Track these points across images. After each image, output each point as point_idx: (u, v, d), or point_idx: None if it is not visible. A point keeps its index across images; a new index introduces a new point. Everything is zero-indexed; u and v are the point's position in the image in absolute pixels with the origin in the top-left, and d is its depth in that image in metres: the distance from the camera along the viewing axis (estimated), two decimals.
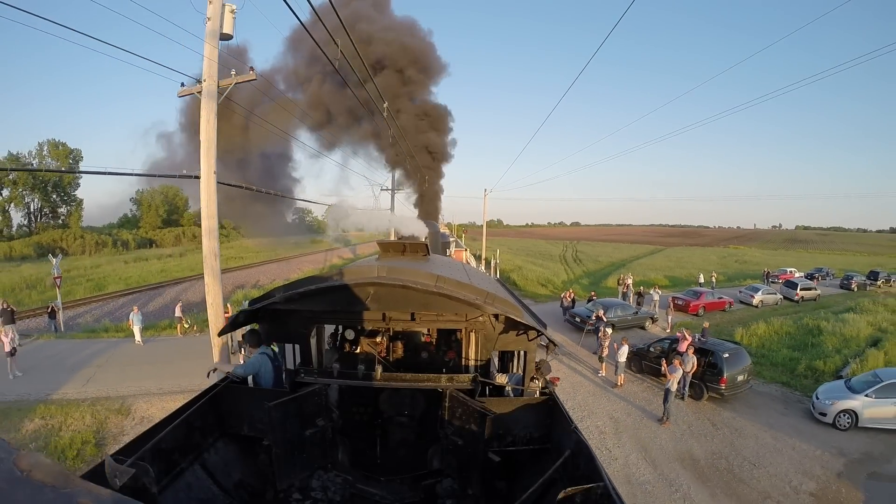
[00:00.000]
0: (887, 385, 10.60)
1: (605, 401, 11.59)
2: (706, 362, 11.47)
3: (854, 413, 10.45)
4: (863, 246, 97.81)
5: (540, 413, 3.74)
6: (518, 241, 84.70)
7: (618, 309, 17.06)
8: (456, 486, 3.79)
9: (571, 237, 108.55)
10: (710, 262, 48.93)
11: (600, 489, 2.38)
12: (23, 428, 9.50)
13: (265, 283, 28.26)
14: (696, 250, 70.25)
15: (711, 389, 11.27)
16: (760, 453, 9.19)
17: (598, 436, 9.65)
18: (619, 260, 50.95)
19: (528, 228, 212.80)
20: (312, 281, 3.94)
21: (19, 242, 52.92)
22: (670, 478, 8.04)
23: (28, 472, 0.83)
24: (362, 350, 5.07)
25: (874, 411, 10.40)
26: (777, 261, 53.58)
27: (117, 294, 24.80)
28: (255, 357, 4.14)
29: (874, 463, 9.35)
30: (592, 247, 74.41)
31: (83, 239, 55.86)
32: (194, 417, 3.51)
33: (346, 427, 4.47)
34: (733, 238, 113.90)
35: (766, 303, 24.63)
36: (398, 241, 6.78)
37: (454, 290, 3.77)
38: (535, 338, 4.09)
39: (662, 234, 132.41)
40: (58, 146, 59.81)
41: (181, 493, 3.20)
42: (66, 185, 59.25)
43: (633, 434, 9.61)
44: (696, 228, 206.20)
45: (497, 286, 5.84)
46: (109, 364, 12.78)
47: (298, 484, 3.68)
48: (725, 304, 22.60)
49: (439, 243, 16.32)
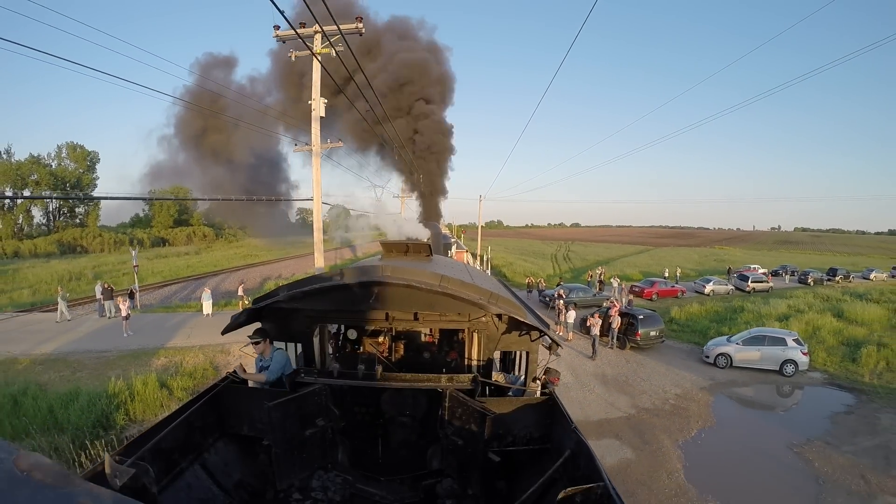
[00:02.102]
0: (752, 337, 15.54)
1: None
2: (628, 322, 16.41)
3: (729, 356, 15.34)
4: (852, 247, 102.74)
5: (540, 413, 3.80)
6: (515, 241, 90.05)
7: (579, 292, 22.10)
8: (456, 486, 3.82)
9: (568, 238, 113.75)
10: (689, 261, 53.96)
11: (600, 489, 2.42)
12: (152, 364, 14.19)
13: (287, 275, 33.11)
14: (682, 250, 75.42)
15: (631, 341, 16.23)
16: (652, 375, 14.10)
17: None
18: (606, 258, 56.00)
19: (527, 229, 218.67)
20: (316, 280, 4.02)
21: (42, 240, 57.34)
22: (585, 382, 12.97)
23: (28, 472, 0.85)
24: (364, 350, 5.17)
25: (742, 355, 15.30)
26: (758, 260, 58.43)
27: (166, 283, 29.75)
28: (278, 356, 4.25)
29: (732, 385, 14.25)
30: (586, 247, 79.56)
31: (101, 237, 60.42)
32: (194, 417, 3.58)
33: (346, 427, 4.51)
34: (725, 239, 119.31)
35: (717, 292, 29.59)
36: (401, 242, 6.92)
37: (458, 290, 3.85)
38: (538, 338, 4.19)
39: (657, 236, 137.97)
40: (75, 149, 64.55)
41: (181, 493, 3.26)
42: (85, 186, 63.82)
43: (569, 364, 14.48)
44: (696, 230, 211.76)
45: (500, 286, 5.98)
46: (197, 328, 17.52)
47: (298, 484, 3.74)
48: (678, 291, 27.61)
49: (441, 244, 16.86)
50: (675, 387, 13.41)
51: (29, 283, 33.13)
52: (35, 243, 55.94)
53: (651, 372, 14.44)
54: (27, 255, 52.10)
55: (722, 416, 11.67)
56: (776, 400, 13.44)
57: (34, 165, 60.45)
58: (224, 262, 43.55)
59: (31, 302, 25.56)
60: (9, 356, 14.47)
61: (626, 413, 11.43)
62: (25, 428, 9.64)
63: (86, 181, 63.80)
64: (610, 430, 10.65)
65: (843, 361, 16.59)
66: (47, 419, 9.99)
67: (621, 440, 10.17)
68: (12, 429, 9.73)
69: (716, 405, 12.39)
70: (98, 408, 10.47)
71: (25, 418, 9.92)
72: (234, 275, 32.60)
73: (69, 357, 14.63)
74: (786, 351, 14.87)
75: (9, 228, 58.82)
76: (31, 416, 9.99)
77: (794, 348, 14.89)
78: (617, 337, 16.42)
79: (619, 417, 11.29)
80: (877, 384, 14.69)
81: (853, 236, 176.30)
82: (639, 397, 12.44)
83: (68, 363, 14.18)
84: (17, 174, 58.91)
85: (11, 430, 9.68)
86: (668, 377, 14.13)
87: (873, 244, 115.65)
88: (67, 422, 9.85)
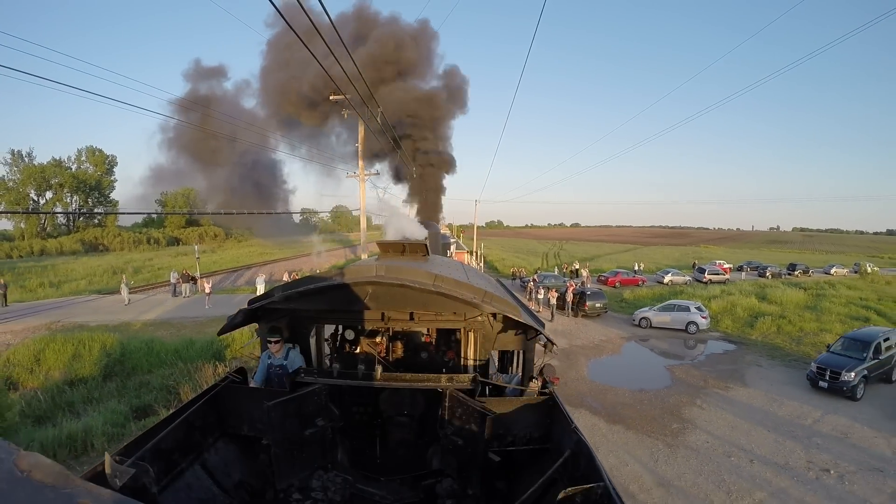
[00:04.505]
0: (665, 305, 22.12)
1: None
2: (580, 296, 22.93)
3: (648, 319, 21.90)
4: (841, 246, 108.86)
5: (540, 413, 3.91)
6: (513, 241, 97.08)
7: (550, 279, 28.78)
8: (456, 486, 3.93)
9: (564, 237, 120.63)
10: (669, 258, 60.69)
11: (600, 489, 2.48)
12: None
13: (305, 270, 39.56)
14: (667, 249, 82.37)
15: (581, 311, 22.78)
16: (590, 331, 20.62)
17: None
18: (593, 255, 62.74)
19: (526, 229, 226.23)
20: (311, 280, 4.15)
21: (68, 239, 63.43)
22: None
23: (28, 472, 0.87)
24: (362, 350, 5.33)
25: (658, 318, 21.86)
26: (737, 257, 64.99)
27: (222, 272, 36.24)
28: (294, 354, 4.43)
29: (645, 337, 20.84)
30: (578, 246, 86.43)
31: (121, 237, 66.59)
32: (194, 417, 3.70)
33: (345, 427, 4.60)
34: (718, 239, 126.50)
35: (675, 282, 36.14)
36: (398, 242, 7.10)
37: (452, 289, 3.98)
38: (534, 337, 4.39)
39: (653, 235, 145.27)
40: (95, 152, 70.80)
41: (181, 493, 3.37)
42: (106, 188, 70.00)
43: None
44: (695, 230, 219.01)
45: (496, 285, 6.15)
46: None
47: (298, 484, 3.85)
48: (639, 281, 34.29)
49: (440, 244, 17.64)
50: (602, 336, 19.95)
51: (80, 275, 39.47)
52: (60, 242, 61.93)
53: (591, 329, 20.97)
54: (53, 252, 58.09)
55: (626, 350, 18.25)
56: (674, 345, 19.95)
57: (57, 168, 66.58)
58: (245, 259, 49.92)
59: (97, 289, 31.91)
60: (123, 321, 20.84)
61: (563, 348, 17.92)
62: (160, 361, 15.65)
63: (105, 183, 70.07)
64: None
65: (743, 327, 23.12)
66: (173, 356, 15.93)
67: (556, 359, 16.63)
68: (148, 363, 15.74)
69: (626, 346, 18.98)
70: (214, 347, 16.76)
71: (159, 355, 15.97)
72: (262, 268, 39.06)
73: (170, 322, 21.06)
74: (689, 315, 21.41)
75: (33, 228, 64.92)
76: (163, 354, 16.07)
77: (696, 314, 21.45)
78: (571, 308, 22.94)
79: (558, 349, 17.78)
80: (759, 340, 21.21)
81: (849, 236, 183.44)
82: (574, 340, 18.98)
83: (171, 325, 20.60)
84: (41, 176, 64.99)
85: (148, 364, 15.66)
86: (601, 332, 20.66)
87: (864, 244, 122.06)
88: (189, 357, 15.78)
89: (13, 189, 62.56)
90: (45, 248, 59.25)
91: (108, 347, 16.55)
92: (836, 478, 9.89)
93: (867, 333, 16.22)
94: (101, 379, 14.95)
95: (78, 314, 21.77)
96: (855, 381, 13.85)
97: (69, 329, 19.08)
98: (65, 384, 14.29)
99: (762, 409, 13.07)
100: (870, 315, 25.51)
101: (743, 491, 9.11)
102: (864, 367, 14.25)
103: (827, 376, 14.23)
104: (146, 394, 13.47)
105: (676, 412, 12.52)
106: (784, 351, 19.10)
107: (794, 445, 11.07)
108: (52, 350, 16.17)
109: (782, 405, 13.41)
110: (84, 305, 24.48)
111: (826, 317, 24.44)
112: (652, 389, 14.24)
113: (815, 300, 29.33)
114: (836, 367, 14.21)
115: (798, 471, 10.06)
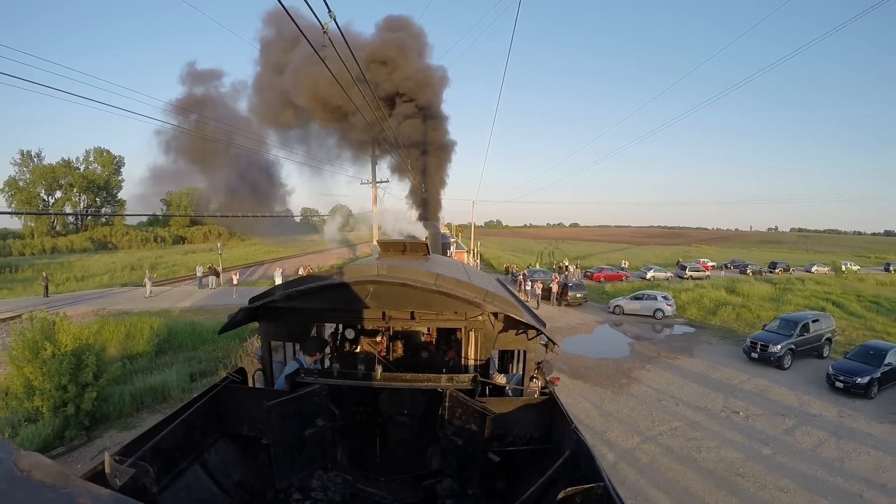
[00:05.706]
0: (636, 294, 25.57)
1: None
2: (564, 287, 26.37)
3: (621, 306, 25.36)
4: (834, 247, 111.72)
5: (540, 413, 3.98)
6: (511, 240, 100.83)
7: (540, 273, 32.22)
8: (456, 486, 3.99)
9: (562, 237, 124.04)
10: (659, 257, 64.14)
11: (600, 489, 2.52)
12: None
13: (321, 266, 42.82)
14: (659, 248, 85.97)
15: (564, 300, 26.23)
16: (568, 317, 24.02)
17: None
18: (585, 254, 66.28)
19: (524, 229, 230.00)
20: (312, 279, 4.21)
21: (78, 237, 66.34)
22: None
23: (28, 472, 0.88)
24: (362, 349, 5.41)
25: (630, 306, 25.34)
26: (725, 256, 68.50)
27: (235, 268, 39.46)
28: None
29: (618, 322, 24.24)
30: (573, 245, 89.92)
31: (129, 235, 69.62)
32: (194, 417, 3.75)
33: (345, 427, 4.66)
34: (712, 238, 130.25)
35: (656, 278, 39.55)
36: (398, 241, 7.22)
37: (453, 289, 4.02)
38: (535, 337, 4.42)
39: (648, 235, 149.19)
40: (102, 153, 73.85)
41: (181, 493, 3.42)
42: (114, 188, 73.06)
43: None
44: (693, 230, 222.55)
45: (496, 285, 6.18)
46: None
47: (298, 484, 3.90)
48: (622, 276, 37.76)
49: (440, 244, 17.74)
50: (580, 321, 23.37)
51: (100, 270, 42.59)
52: (71, 240, 64.86)
53: (570, 315, 24.39)
54: (64, 250, 61.00)
55: (598, 331, 21.69)
56: (642, 329, 23.34)
57: (66, 169, 69.62)
58: (252, 257, 53.11)
59: (122, 283, 35.12)
60: (163, 308, 24.09)
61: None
62: (202, 339, 19.03)
63: (113, 184, 73.10)
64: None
65: (706, 314, 26.51)
66: (214, 336, 19.18)
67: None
68: (192, 342, 19.11)
69: (598, 328, 22.42)
70: (247, 329, 20.06)
71: (201, 335, 19.29)
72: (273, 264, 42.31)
73: (204, 309, 24.33)
74: (657, 303, 24.84)
75: (43, 227, 67.90)
76: (205, 333, 19.41)
77: (662, 302, 24.90)
78: (556, 298, 26.37)
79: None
80: (717, 325, 24.58)
81: (846, 237, 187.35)
82: (554, 323, 22.35)
83: (206, 311, 23.88)
84: (51, 176, 68.03)
85: (192, 343, 19.03)
86: (579, 317, 24.08)
87: (857, 244, 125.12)
88: (227, 336, 18.97)
89: (24, 189, 65.55)
90: (56, 245, 62.09)
91: (155, 329, 19.82)
92: (744, 417, 13.20)
93: (799, 315, 19.63)
94: (153, 354, 18.22)
95: (117, 303, 24.99)
96: (781, 353, 17.09)
97: (115, 315, 22.31)
98: (122, 359, 17.53)
99: (699, 373, 16.43)
100: (826, 306, 28.75)
101: (664, 421, 12.46)
102: (791, 342, 17.50)
103: (758, 349, 17.52)
104: (196, 364, 16.77)
105: (627, 373, 15.91)
106: (736, 333, 22.43)
107: (716, 396, 14.42)
108: (107, 331, 19.41)
109: (718, 370, 16.76)
110: (119, 296, 27.72)
111: (785, 307, 27.72)
112: (612, 358, 17.64)
113: (781, 293, 32.70)
114: (766, 342, 17.51)
115: (714, 412, 13.39)
